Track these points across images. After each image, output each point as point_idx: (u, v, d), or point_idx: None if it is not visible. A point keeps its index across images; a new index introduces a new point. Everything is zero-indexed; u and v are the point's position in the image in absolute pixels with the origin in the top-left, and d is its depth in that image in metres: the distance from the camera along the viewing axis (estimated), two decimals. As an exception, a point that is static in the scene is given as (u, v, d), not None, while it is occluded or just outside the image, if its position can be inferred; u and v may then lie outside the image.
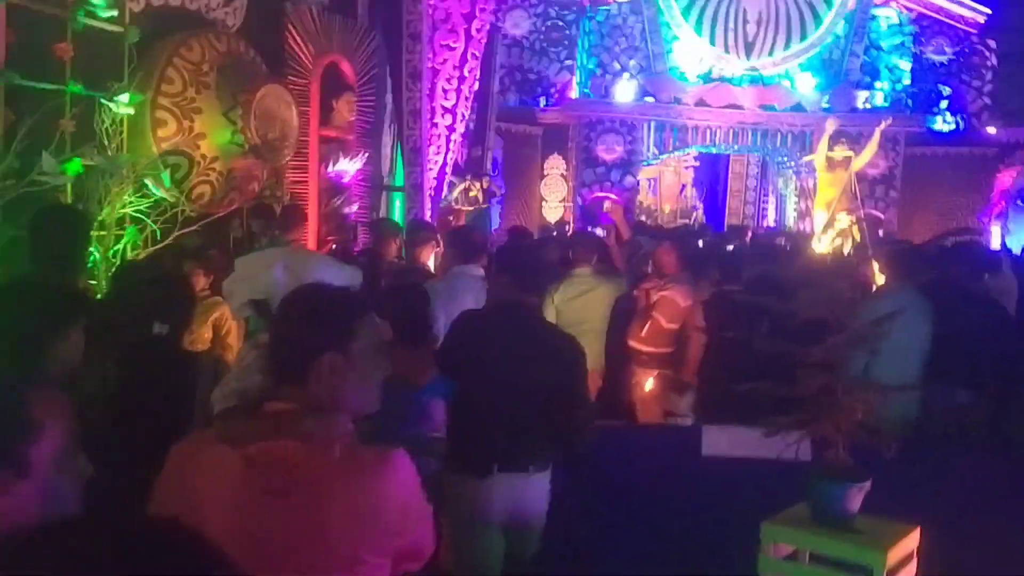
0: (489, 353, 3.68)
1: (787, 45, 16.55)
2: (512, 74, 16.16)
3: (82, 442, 2.23)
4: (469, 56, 9.72)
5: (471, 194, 11.34)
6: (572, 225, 15.22)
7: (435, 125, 9.57)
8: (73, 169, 6.28)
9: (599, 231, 9.79)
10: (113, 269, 5.84)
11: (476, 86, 10.36)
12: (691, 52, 16.41)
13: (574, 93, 16.28)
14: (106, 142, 6.46)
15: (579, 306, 6.20)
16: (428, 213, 9.53)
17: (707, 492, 3.91)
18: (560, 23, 16.48)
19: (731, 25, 16.35)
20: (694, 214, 20.26)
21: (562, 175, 16.56)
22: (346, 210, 8.73)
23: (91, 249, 4.15)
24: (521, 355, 3.61)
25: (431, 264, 6.76)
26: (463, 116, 9.97)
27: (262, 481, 1.78)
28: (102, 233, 6.56)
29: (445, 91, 9.57)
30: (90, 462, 2.23)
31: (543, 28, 16.40)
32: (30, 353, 2.45)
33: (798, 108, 16.36)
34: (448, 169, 10.04)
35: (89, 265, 5.71)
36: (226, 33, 7.64)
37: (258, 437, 1.80)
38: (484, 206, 11.73)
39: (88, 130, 6.41)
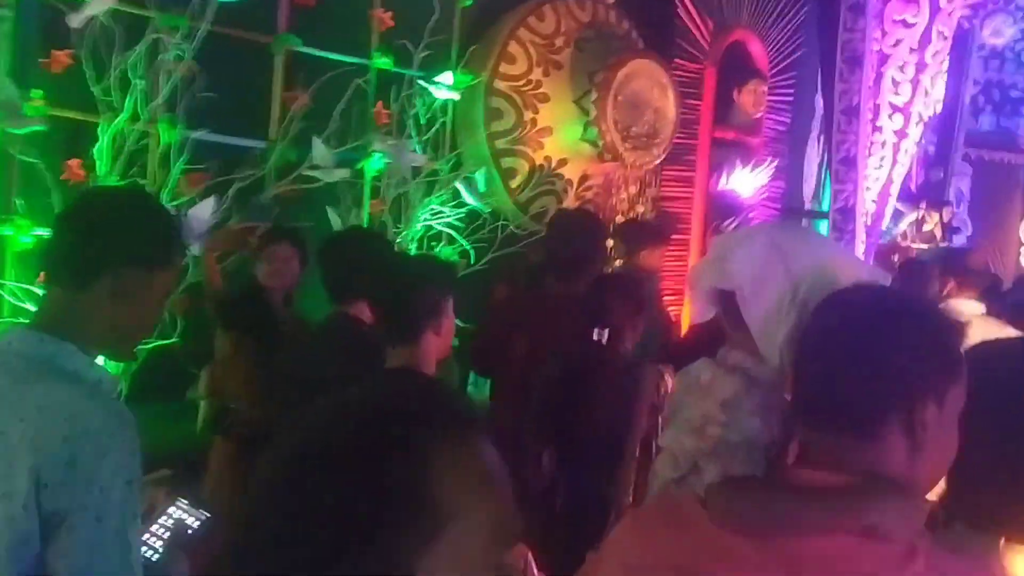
0: None
1: None
2: (987, 91, 13.19)
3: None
4: (935, 35, 7.02)
5: (925, 228, 8.67)
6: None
7: (878, 129, 7.03)
8: (372, 168, 4.85)
9: None
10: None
11: (942, 83, 7.60)
12: None
13: (1079, 110, 12.77)
14: (415, 135, 4.95)
15: None
16: (861, 247, 6.99)
17: None
18: (1062, 23, 13.21)
19: None
20: None
21: (1055, 214, 13.17)
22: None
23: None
24: None
25: None
26: (920, 117, 7.26)
27: None
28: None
29: (896, 83, 6.99)
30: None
31: (1035, 33, 13.23)
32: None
33: None
34: (894, 190, 7.39)
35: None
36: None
37: (796, 527, 1.15)
38: (942, 244, 8.84)
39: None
